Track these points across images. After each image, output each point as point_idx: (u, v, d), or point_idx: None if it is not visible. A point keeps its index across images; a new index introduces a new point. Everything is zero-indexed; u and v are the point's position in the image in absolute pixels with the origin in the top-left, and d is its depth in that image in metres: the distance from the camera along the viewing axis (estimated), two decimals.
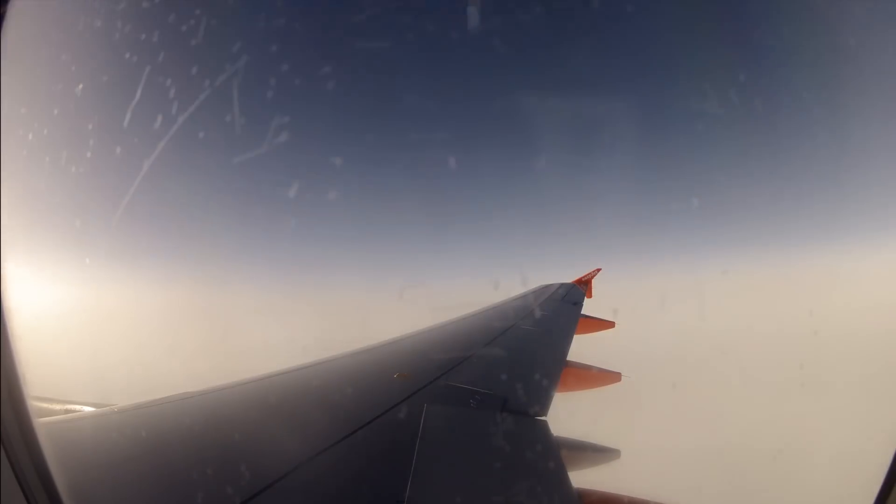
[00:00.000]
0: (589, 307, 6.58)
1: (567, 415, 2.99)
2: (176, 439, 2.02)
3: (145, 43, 3.50)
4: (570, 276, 8.30)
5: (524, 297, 7.04)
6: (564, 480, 1.91)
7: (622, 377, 4.19)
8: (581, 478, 2.14)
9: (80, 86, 3.42)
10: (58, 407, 2.72)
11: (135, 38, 3.49)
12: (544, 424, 2.45)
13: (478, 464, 2.06)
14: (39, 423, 1.36)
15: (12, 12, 1.47)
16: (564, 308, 6.36)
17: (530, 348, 4.40)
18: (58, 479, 1.32)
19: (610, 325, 6.07)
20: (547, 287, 7.69)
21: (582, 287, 7.89)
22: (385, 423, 2.23)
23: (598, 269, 8.40)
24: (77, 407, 2.75)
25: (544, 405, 2.76)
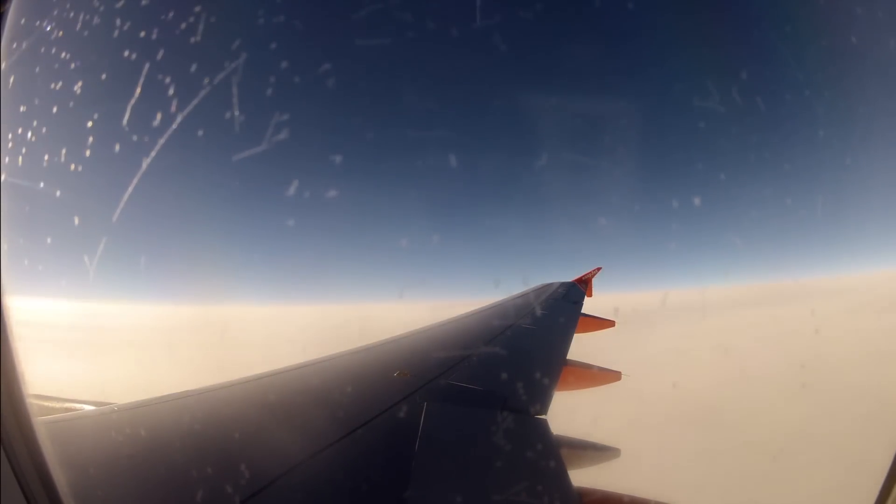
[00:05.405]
0: (589, 306, 6.58)
1: (567, 414, 2.99)
2: (176, 438, 2.02)
3: (145, 40, 3.50)
4: (570, 276, 8.30)
5: (524, 295, 7.03)
6: (564, 479, 1.91)
7: (622, 376, 4.19)
8: (581, 476, 2.14)
9: (80, 84, 3.42)
10: (57, 405, 2.73)
11: (134, 36, 3.48)
12: (544, 423, 2.45)
13: (478, 462, 2.06)
14: (39, 421, 1.36)
15: (12, 11, 1.47)
16: (565, 307, 6.36)
17: (530, 347, 4.39)
18: (57, 478, 1.32)
19: (610, 324, 6.07)
20: (547, 286, 7.68)
21: (582, 286, 7.88)
22: (385, 421, 2.24)
23: (599, 269, 8.40)
24: (77, 405, 2.75)
25: (544, 404, 2.76)
